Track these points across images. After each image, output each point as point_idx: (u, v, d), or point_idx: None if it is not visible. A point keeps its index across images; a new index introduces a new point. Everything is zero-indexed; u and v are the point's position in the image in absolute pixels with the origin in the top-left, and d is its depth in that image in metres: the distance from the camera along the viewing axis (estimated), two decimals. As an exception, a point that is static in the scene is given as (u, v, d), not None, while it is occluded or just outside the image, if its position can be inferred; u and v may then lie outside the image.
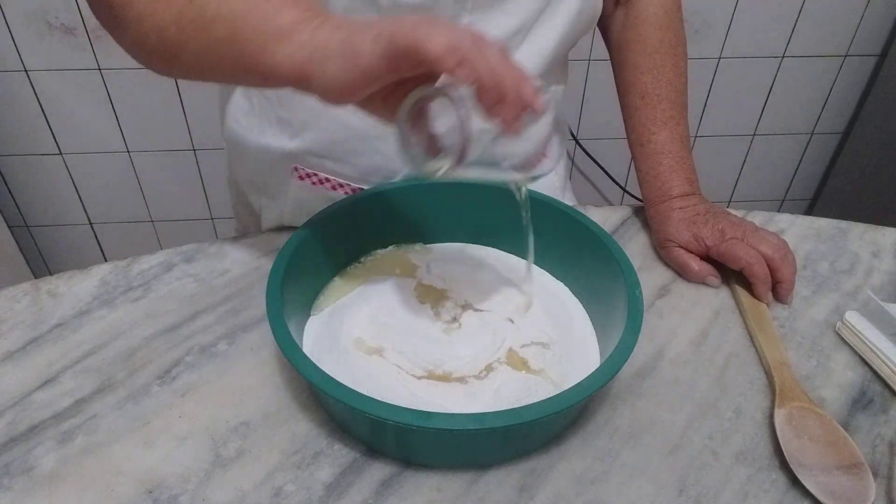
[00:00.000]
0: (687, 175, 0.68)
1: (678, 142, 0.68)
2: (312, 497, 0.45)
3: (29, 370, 0.53)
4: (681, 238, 0.64)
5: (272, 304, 0.48)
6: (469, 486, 0.46)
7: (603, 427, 0.50)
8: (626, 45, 0.70)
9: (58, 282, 0.62)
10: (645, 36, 0.69)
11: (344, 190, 0.69)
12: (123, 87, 1.40)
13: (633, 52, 0.70)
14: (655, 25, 0.69)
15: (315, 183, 0.69)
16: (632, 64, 0.70)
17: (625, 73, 0.71)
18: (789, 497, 0.46)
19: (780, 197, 1.81)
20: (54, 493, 0.45)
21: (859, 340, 0.57)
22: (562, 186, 0.78)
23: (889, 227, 0.73)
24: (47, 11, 1.29)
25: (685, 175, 0.68)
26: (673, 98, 0.68)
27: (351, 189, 0.69)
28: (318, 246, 0.57)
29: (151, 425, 0.49)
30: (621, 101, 0.72)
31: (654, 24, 0.69)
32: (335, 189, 0.69)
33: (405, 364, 0.50)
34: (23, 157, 1.49)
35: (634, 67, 0.69)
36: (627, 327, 0.48)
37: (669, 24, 0.69)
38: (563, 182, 0.79)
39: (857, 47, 1.51)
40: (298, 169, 0.69)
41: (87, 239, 1.66)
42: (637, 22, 0.69)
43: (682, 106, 0.69)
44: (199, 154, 1.52)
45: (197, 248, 0.66)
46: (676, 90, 0.69)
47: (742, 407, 0.52)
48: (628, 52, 0.70)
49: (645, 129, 0.69)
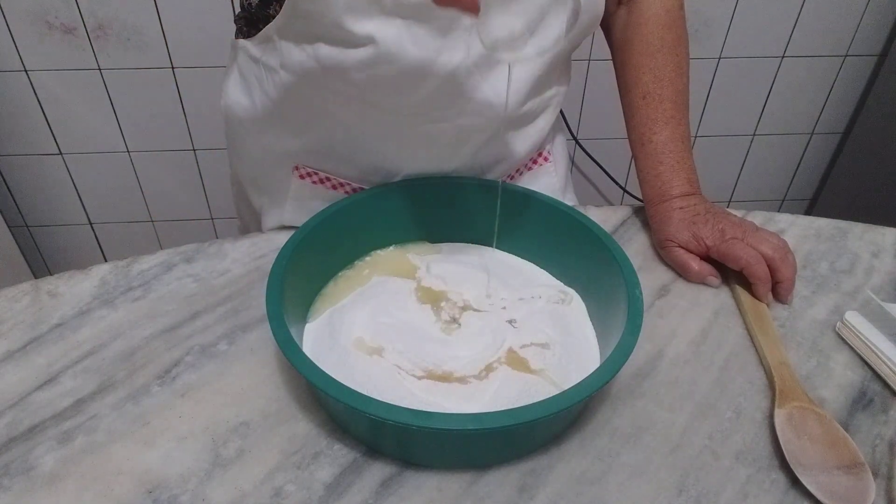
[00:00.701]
0: (687, 175, 0.68)
1: (679, 142, 0.68)
2: (312, 497, 0.45)
3: (29, 370, 0.53)
4: (681, 238, 0.64)
5: (272, 305, 0.48)
6: (469, 486, 0.46)
7: (603, 427, 0.50)
8: (628, 45, 0.70)
9: (58, 282, 0.62)
10: (647, 36, 0.69)
11: (344, 189, 0.69)
12: (123, 87, 1.40)
13: (634, 52, 0.69)
14: (658, 25, 0.69)
15: (315, 182, 0.69)
16: (633, 64, 0.70)
17: (626, 72, 0.71)
18: (789, 497, 0.46)
19: (780, 197, 1.81)
20: (54, 493, 0.45)
21: (859, 340, 0.57)
22: (562, 187, 0.78)
23: (889, 227, 0.73)
24: (47, 11, 1.29)
25: (686, 175, 0.68)
26: (674, 98, 0.68)
27: (351, 189, 0.69)
28: (318, 246, 0.57)
29: (151, 425, 0.49)
30: (623, 100, 0.72)
31: (656, 24, 0.69)
32: (335, 188, 0.69)
33: (405, 364, 0.50)
34: (23, 157, 1.49)
35: (636, 67, 0.69)
36: (627, 327, 0.48)
37: (672, 23, 0.69)
38: (564, 182, 0.79)
39: (857, 47, 1.51)
40: (299, 168, 0.69)
41: (87, 239, 1.66)
42: (639, 21, 0.69)
43: (684, 106, 0.69)
44: (199, 154, 1.52)
45: (197, 248, 0.66)
46: (678, 90, 0.69)
47: (742, 407, 0.52)
48: (630, 51, 0.70)
49: (646, 128, 0.69)
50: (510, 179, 0.72)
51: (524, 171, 0.74)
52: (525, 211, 0.62)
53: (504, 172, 0.71)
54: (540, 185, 0.73)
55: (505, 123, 0.65)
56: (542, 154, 0.74)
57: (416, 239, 0.65)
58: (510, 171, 0.71)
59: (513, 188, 0.64)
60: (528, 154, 0.71)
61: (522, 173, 0.74)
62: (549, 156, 0.74)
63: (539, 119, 0.69)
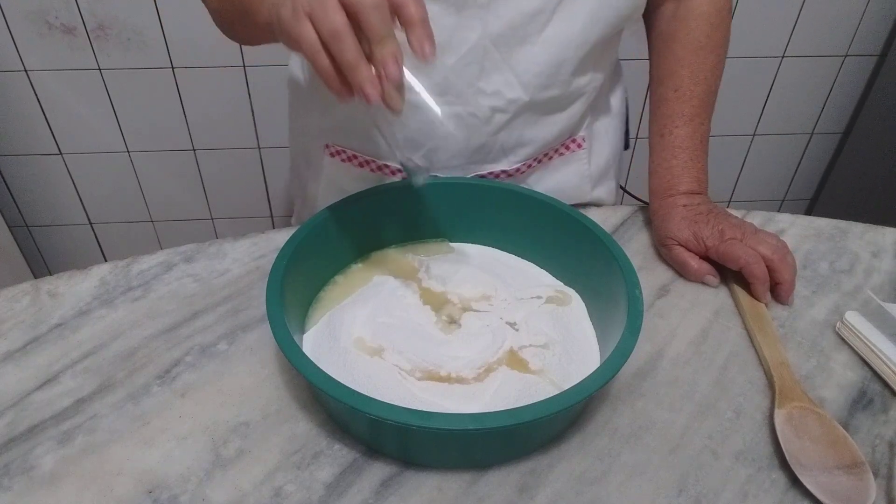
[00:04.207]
0: (697, 174, 0.68)
1: (697, 140, 0.68)
2: (312, 497, 0.45)
3: (29, 370, 0.53)
4: (681, 236, 0.64)
5: (272, 305, 0.48)
6: (469, 486, 0.46)
7: (603, 427, 0.50)
8: (672, 37, 0.69)
9: (58, 282, 0.62)
10: (694, 31, 0.68)
11: (370, 167, 0.70)
12: (123, 87, 1.40)
13: (678, 45, 0.69)
14: (707, 22, 0.68)
15: (343, 160, 0.71)
16: (674, 56, 0.69)
17: (664, 63, 0.70)
18: (789, 497, 0.46)
19: (780, 197, 1.81)
20: (54, 493, 0.45)
21: (859, 340, 0.57)
22: (595, 176, 0.77)
23: (889, 227, 0.73)
24: (47, 11, 1.29)
25: (696, 174, 0.68)
26: (703, 97, 0.68)
27: (376, 166, 0.70)
28: (318, 246, 0.57)
29: (151, 425, 0.49)
30: (653, 89, 0.71)
31: (705, 20, 0.68)
32: (362, 166, 0.71)
33: (405, 364, 0.50)
34: (23, 157, 1.49)
35: (676, 60, 0.69)
36: (627, 327, 0.48)
37: (720, 23, 0.69)
38: (601, 171, 0.78)
39: (857, 47, 1.51)
40: (329, 146, 0.72)
41: (87, 239, 1.66)
42: (687, 16, 0.69)
43: (710, 106, 0.69)
44: (199, 154, 1.52)
45: (197, 248, 0.66)
46: (709, 90, 0.69)
47: (742, 407, 0.52)
48: (673, 43, 0.69)
49: (669, 121, 0.68)
50: (537, 163, 0.71)
51: (554, 156, 0.73)
52: (525, 211, 0.62)
53: (528, 156, 0.70)
54: (569, 171, 0.73)
55: (525, 107, 0.65)
56: (576, 140, 0.73)
57: (416, 239, 0.65)
58: (536, 154, 0.71)
59: (513, 188, 0.64)
60: (555, 139, 0.70)
61: (552, 158, 0.73)
62: (582, 142, 0.74)
63: (572, 106, 0.68)
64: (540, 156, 0.71)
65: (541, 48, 0.61)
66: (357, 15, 0.43)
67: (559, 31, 0.62)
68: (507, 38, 0.59)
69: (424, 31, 0.45)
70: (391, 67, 0.43)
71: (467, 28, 0.58)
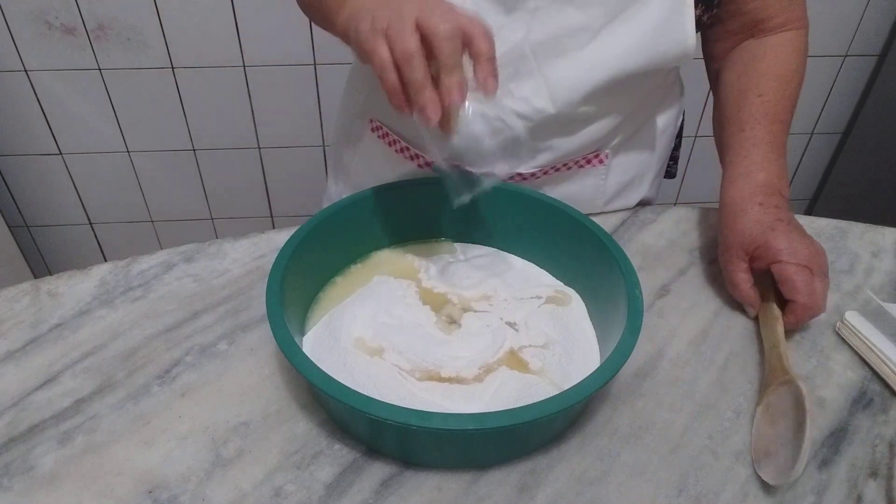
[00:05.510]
0: (778, 171, 0.64)
1: (779, 142, 0.66)
2: (312, 497, 0.45)
3: (29, 370, 0.53)
4: (753, 244, 0.59)
5: (272, 305, 0.48)
6: (469, 486, 0.46)
7: (603, 427, 0.50)
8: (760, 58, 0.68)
9: (58, 282, 0.62)
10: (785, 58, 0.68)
11: (407, 154, 0.71)
12: (123, 87, 1.40)
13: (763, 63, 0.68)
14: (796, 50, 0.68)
15: (382, 137, 0.74)
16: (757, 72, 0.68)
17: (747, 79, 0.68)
18: (789, 497, 0.46)
19: (780, 197, 1.81)
20: (54, 493, 0.45)
21: (859, 340, 0.57)
22: (609, 192, 0.74)
23: (889, 227, 0.73)
24: (47, 11, 1.29)
25: (776, 170, 0.64)
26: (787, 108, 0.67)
27: (411, 154, 0.71)
28: (318, 246, 0.57)
29: (151, 425, 0.49)
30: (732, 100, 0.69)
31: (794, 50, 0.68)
32: (400, 153, 0.72)
33: (405, 365, 0.50)
34: (23, 157, 1.49)
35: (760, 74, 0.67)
36: (627, 327, 0.48)
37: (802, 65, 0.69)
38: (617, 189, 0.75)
39: (857, 47, 1.51)
40: (373, 121, 0.73)
41: (87, 239, 1.66)
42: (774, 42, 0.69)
43: (789, 123, 0.68)
44: (199, 154, 1.52)
45: (197, 248, 0.66)
46: (791, 105, 0.68)
47: (742, 407, 0.52)
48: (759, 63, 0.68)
49: (751, 117, 0.66)
50: (554, 171, 0.70)
51: (572, 167, 0.72)
52: (525, 211, 0.62)
53: (547, 162, 0.69)
54: (585, 184, 0.72)
55: (551, 119, 0.64)
56: (599, 156, 0.71)
57: (416, 239, 0.65)
58: (555, 163, 0.69)
59: (513, 188, 0.64)
60: (575, 152, 0.69)
61: (570, 167, 0.72)
62: (605, 159, 0.72)
63: (595, 123, 0.67)
64: (559, 164, 0.70)
65: (577, 65, 0.61)
66: (431, 41, 0.45)
67: (598, 53, 0.61)
68: (546, 48, 0.60)
69: (490, 68, 0.47)
70: (456, 97, 0.46)
71: (511, 29, 0.58)
